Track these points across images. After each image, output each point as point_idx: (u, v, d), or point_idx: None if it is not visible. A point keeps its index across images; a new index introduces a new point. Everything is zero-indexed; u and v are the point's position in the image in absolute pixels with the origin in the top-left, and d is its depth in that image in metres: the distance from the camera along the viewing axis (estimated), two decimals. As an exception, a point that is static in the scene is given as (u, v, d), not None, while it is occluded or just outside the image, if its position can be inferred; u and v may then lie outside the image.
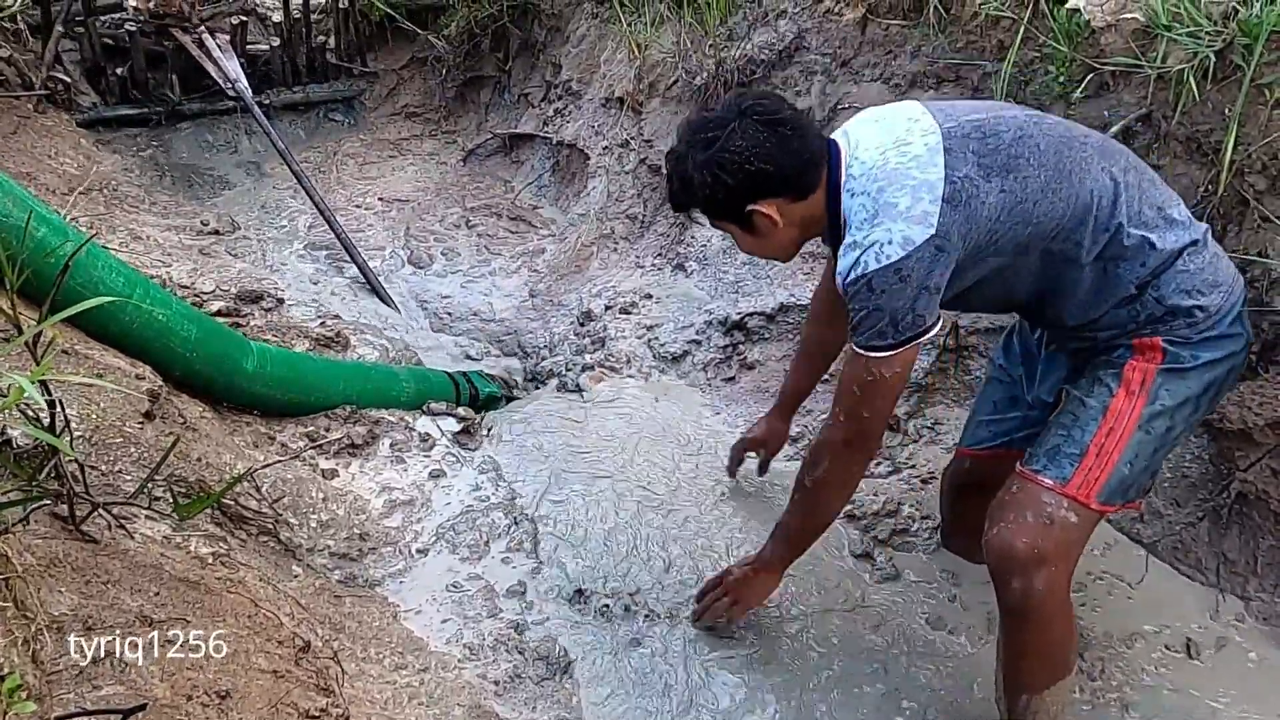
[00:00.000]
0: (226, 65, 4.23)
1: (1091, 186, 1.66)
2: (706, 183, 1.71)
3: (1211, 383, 1.74)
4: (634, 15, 3.90)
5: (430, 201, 4.27)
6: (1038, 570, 1.67)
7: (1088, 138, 1.73)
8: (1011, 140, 1.65)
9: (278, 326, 2.92)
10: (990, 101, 1.83)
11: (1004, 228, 1.64)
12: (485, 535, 2.28)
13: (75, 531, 1.42)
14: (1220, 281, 1.71)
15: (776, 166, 1.68)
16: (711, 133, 1.70)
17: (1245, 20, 2.13)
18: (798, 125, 1.71)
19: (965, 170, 1.61)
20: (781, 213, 1.72)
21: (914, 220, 1.59)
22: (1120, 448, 1.69)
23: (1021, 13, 2.59)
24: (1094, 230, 1.66)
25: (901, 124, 1.69)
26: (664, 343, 3.05)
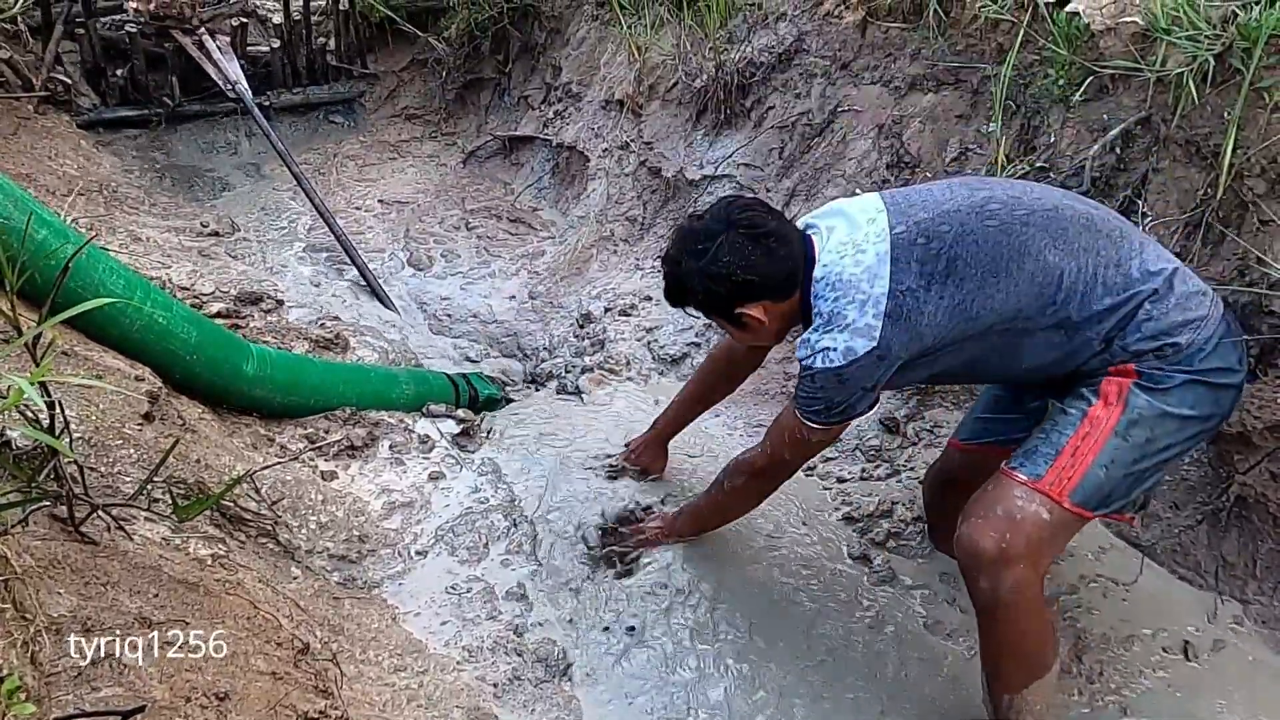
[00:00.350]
0: (227, 67, 4.23)
1: (1031, 269, 1.74)
2: (699, 289, 1.88)
3: (1199, 405, 1.76)
4: (634, 18, 3.91)
5: (430, 203, 4.27)
6: (1005, 569, 1.70)
7: (1030, 217, 1.77)
8: (952, 241, 1.75)
9: (277, 328, 2.92)
10: (944, 185, 1.89)
11: (946, 330, 1.76)
12: (484, 537, 2.27)
13: (74, 533, 1.42)
14: (1190, 320, 1.74)
15: (761, 276, 1.83)
16: (702, 244, 1.85)
17: (1244, 24, 2.13)
18: (781, 235, 1.85)
19: (908, 282, 1.74)
20: (767, 312, 1.88)
21: (859, 333, 1.75)
22: (1095, 450, 1.73)
23: (1021, 16, 2.60)
24: (1040, 308, 1.75)
25: (861, 225, 1.81)
26: (663, 345, 3.05)
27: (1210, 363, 1.75)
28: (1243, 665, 2.02)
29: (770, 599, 2.18)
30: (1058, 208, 1.80)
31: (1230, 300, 2.19)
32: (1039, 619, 1.78)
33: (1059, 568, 2.25)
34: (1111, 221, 1.83)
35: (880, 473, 2.57)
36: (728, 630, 2.10)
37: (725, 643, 2.08)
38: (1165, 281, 1.76)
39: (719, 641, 2.08)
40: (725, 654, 2.06)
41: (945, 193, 1.85)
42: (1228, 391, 1.80)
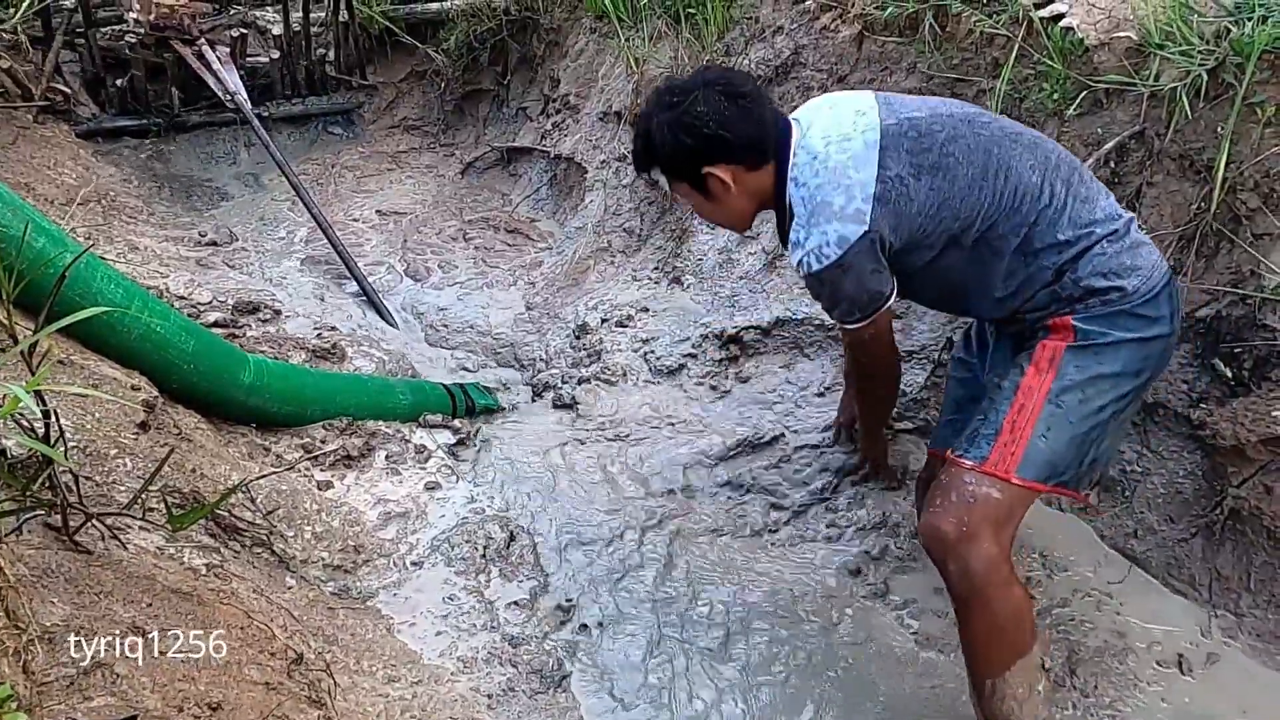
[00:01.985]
0: (226, 77, 4.25)
1: (1016, 183, 1.78)
2: (667, 143, 1.85)
3: (1130, 362, 1.80)
4: (632, 30, 3.93)
5: (428, 214, 4.28)
6: (968, 548, 1.73)
7: (1020, 135, 1.84)
8: (944, 140, 1.79)
9: (274, 338, 2.93)
10: (937, 99, 1.94)
11: (932, 223, 1.79)
12: (480, 548, 2.27)
13: (68, 542, 1.42)
14: (1138, 266, 1.79)
15: (733, 134, 1.81)
16: (676, 98, 1.84)
17: (1237, 39, 2.15)
18: (757, 99, 1.86)
19: (897, 169, 1.76)
20: (735, 179, 1.86)
21: (848, 219, 1.76)
22: (1032, 422, 1.77)
23: (1016, 31, 2.61)
24: (1017, 223, 1.79)
25: (849, 116, 1.82)
26: (660, 356, 3.06)
27: (1146, 310, 1.79)
28: (1237, 679, 2.02)
29: (776, 615, 2.18)
30: (1041, 139, 1.87)
31: (1224, 314, 2.20)
32: (1013, 597, 1.76)
33: (1052, 581, 2.26)
34: (1085, 169, 1.90)
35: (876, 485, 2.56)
36: (727, 639, 2.09)
37: (726, 654, 2.07)
38: (1125, 224, 1.83)
39: (721, 650, 2.07)
40: (726, 666, 2.05)
41: (939, 103, 1.90)
42: (1157, 343, 1.83)
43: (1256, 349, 2.13)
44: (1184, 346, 2.27)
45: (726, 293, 3.21)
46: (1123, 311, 1.79)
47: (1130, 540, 2.30)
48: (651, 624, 2.14)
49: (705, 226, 3.45)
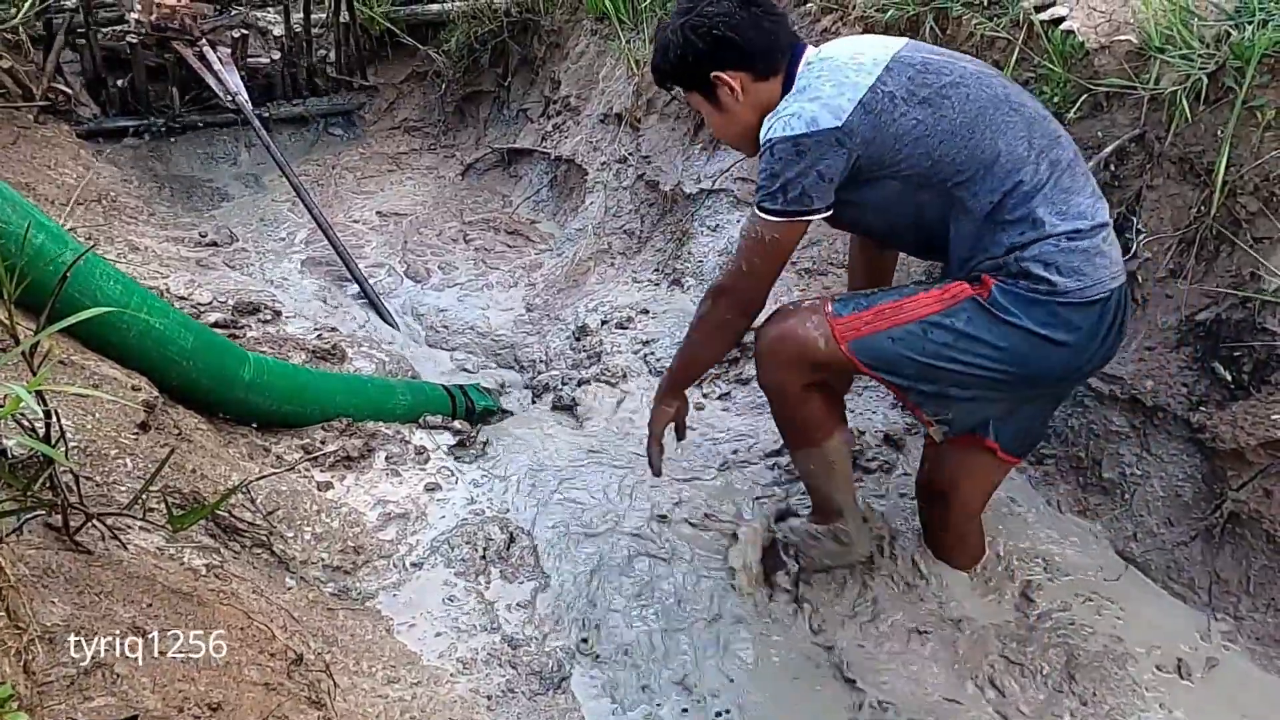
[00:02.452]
0: (227, 78, 4.25)
1: (1003, 147, 1.79)
2: (678, 43, 1.87)
3: (1018, 350, 1.82)
4: (633, 32, 3.93)
5: (428, 215, 4.28)
6: (772, 364, 1.96)
7: (1024, 107, 1.84)
8: (948, 82, 1.81)
9: (275, 339, 2.93)
10: (971, 59, 1.95)
11: (907, 151, 1.79)
12: (480, 549, 2.27)
13: (69, 542, 1.42)
14: (1084, 272, 1.80)
15: (743, 38, 1.84)
16: (692, 3, 1.87)
17: (1237, 43, 2.15)
18: (771, 10, 1.89)
19: (892, 88, 1.78)
20: (744, 86, 1.87)
21: (828, 108, 1.77)
22: (894, 323, 1.84)
23: (1016, 34, 2.62)
24: (990, 188, 1.79)
25: (873, 44, 1.89)
26: (660, 358, 3.06)
27: (1066, 314, 1.80)
28: (1236, 684, 2.02)
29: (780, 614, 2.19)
30: (1046, 118, 1.87)
31: (1224, 317, 2.20)
32: (801, 409, 1.99)
33: (1051, 584, 2.26)
34: (1080, 161, 1.89)
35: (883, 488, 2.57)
36: (731, 638, 2.09)
37: (729, 656, 2.07)
38: (1093, 228, 1.82)
39: (723, 654, 2.07)
40: (728, 668, 2.05)
41: (968, 59, 1.91)
42: (1060, 351, 1.83)
43: (1256, 352, 2.14)
44: (1183, 350, 2.27)
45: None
46: (1042, 304, 1.80)
47: (1129, 543, 2.31)
48: (653, 624, 2.14)
49: (706, 228, 3.45)
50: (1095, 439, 2.40)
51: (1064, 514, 2.42)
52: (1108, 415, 2.38)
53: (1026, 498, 2.51)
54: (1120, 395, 2.35)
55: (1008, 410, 1.98)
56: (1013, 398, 1.95)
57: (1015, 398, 1.96)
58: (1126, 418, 2.35)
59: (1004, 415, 1.98)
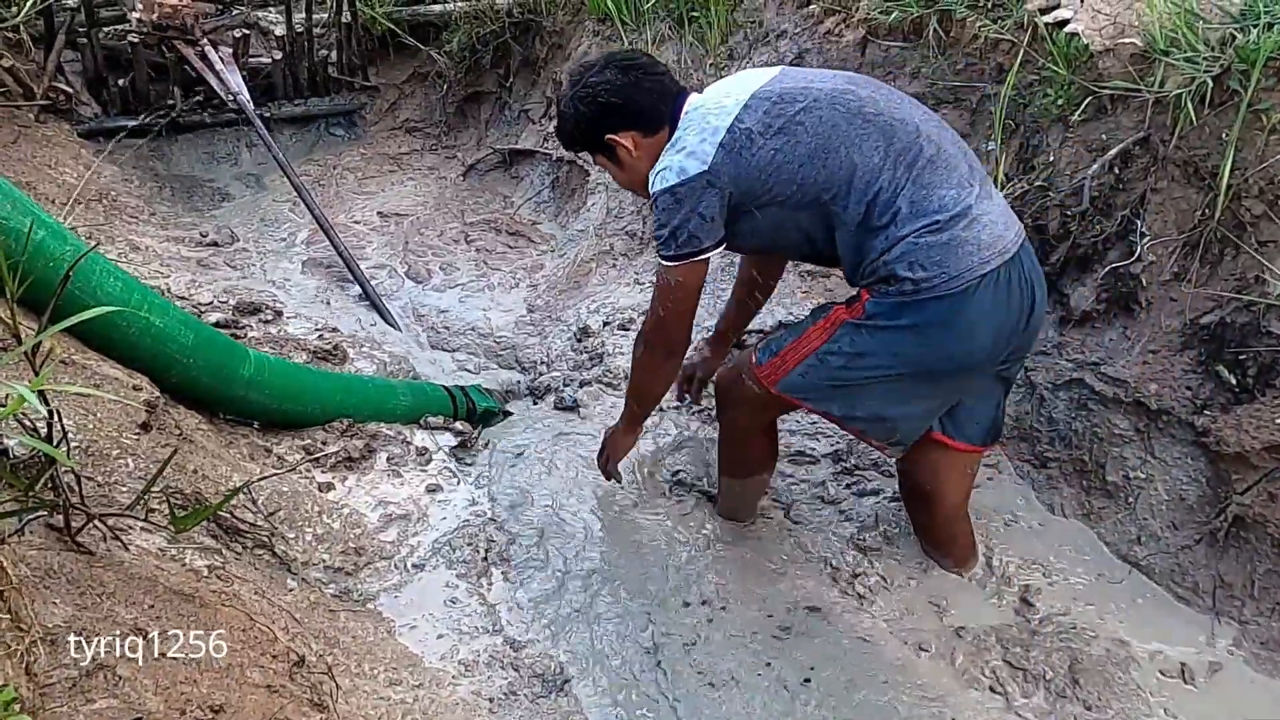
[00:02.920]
0: (228, 78, 4.24)
1: (858, 160, 1.90)
2: (571, 114, 2.07)
3: (902, 353, 1.94)
4: (635, 33, 3.92)
5: (429, 216, 4.27)
6: (723, 404, 2.27)
7: (878, 116, 1.92)
8: (800, 109, 1.92)
9: (275, 339, 2.92)
10: (846, 76, 2.07)
11: (773, 180, 1.92)
12: (481, 551, 2.27)
13: (70, 543, 1.41)
14: (944, 264, 1.87)
15: (625, 100, 2.01)
16: (578, 77, 2.07)
17: (1242, 46, 2.15)
18: (651, 71, 2.06)
19: (748, 124, 1.92)
20: (636, 144, 2.05)
21: (693, 156, 1.94)
22: (797, 361, 2.03)
23: (1021, 36, 2.61)
24: (855, 200, 1.90)
25: (745, 82, 2.01)
26: (662, 359, 3.05)
27: (935, 310, 1.88)
28: (1241, 689, 2.02)
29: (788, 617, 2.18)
30: (904, 120, 1.94)
31: (1229, 320, 2.20)
32: (745, 448, 2.31)
33: (1054, 588, 2.25)
34: (948, 151, 1.94)
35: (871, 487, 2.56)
36: (736, 641, 2.09)
37: (731, 661, 2.07)
38: (951, 219, 1.88)
39: (726, 659, 2.07)
40: (731, 672, 2.05)
41: (827, 77, 2.03)
42: (941, 343, 1.92)
43: (1261, 356, 2.13)
44: (1187, 353, 2.27)
45: (728, 296, 3.20)
46: (909, 305, 1.89)
47: (1133, 547, 2.30)
48: (656, 626, 2.13)
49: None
50: (1099, 442, 2.40)
51: (1067, 517, 2.42)
52: (1111, 418, 2.37)
53: (1026, 500, 2.50)
54: (1124, 398, 2.35)
55: (944, 407, 2.07)
56: (937, 395, 2.05)
57: (940, 394, 2.05)
58: (1130, 421, 2.34)
59: (949, 413, 2.10)
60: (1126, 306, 2.40)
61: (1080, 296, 2.48)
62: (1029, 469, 2.55)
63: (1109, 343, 2.42)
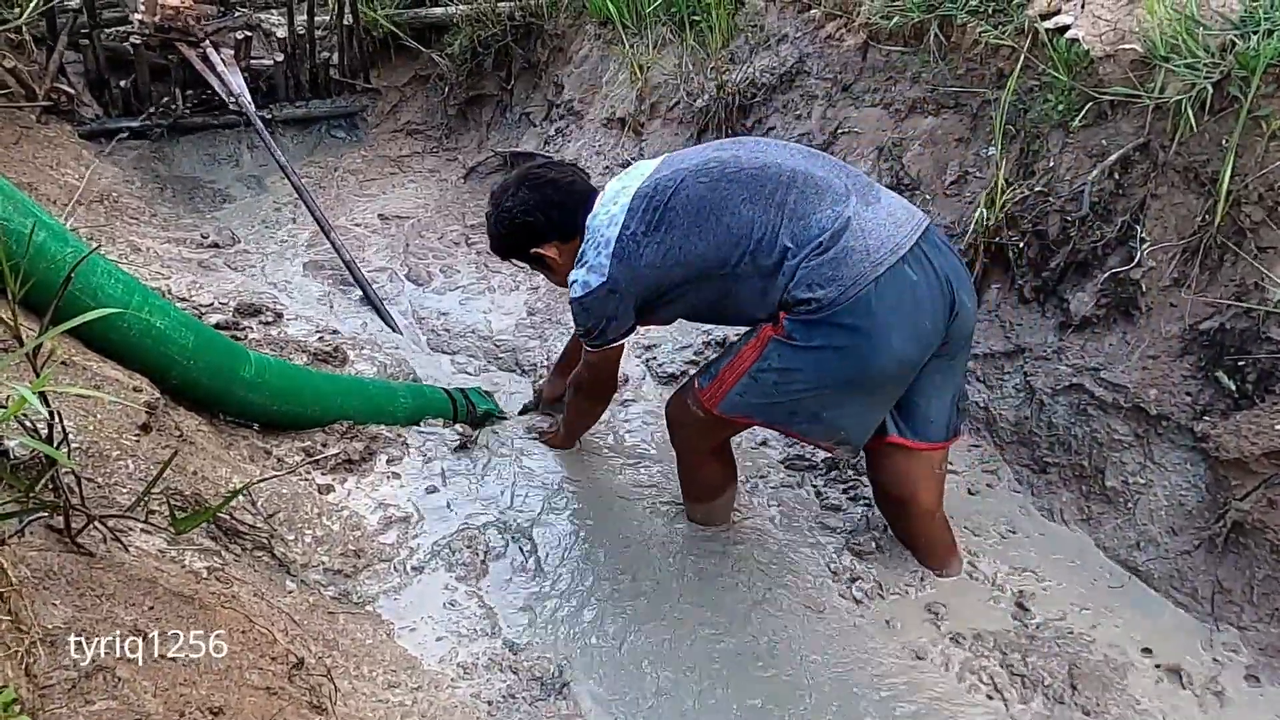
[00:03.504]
0: (230, 79, 4.25)
1: (730, 221, 2.00)
2: (496, 235, 2.29)
3: (824, 367, 1.99)
4: (636, 37, 3.93)
5: (430, 218, 4.28)
6: (674, 430, 2.36)
7: (737, 174, 2.02)
8: (669, 197, 2.04)
9: (276, 340, 2.92)
10: (712, 145, 2.19)
11: (667, 270, 2.05)
12: (481, 553, 2.27)
13: (70, 544, 1.41)
14: (838, 277, 1.94)
15: (538, 218, 2.20)
16: (496, 199, 2.27)
17: (1242, 53, 2.15)
18: (559, 185, 2.22)
19: (633, 228, 2.06)
20: (560, 251, 2.23)
21: (594, 270, 2.11)
22: (733, 382, 2.10)
23: (1021, 42, 2.62)
24: (741, 255, 1.99)
25: (631, 180, 2.14)
26: (662, 363, 3.06)
27: (844, 319, 1.94)
28: (1239, 694, 2.02)
29: (784, 614, 2.18)
30: (766, 166, 2.03)
31: (1228, 326, 2.20)
32: (701, 470, 2.39)
33: (1052, 593, 2.25)
34: (818, 176, 2.02)
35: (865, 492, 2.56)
36: (734, 641, 2.09)
37: (735, 668, 2.07)
38: (832, 237, 1.95)
39: (731, 666, 2.07)
40: (734, 676, 2.05)
41: (697, 154, 2.14)
42: (858, 350, 1.96)
43: (1260, 362, 2.13)
44: (1187, 359, 2.27)
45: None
46: (821, 321, 1.95)
47: (1132, 552, 2.30)
48: (654, 629, 2.13)
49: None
50: (1098, 447, 2.40)
51: (1066, 524, 2.42)
52: (1111, 424, 2.38)
53: (1025, 504, 2.51)
54: (1124, 404, 2.35)
55: (887, 407, 2.11)
56: (876, 400, 2.08)
57: (879, 398, 2.08)
58: (1130, 426, 2.35)
59: (903, 415, 2.14)
60: (1126, 312, 2.40)
61: (1080, 302, 2.48)
62: (1028, 474, 2.55)
63: (1109, 348, 2.42)
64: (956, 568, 2.31)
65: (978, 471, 2.62)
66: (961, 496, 2.52)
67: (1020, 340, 2.64)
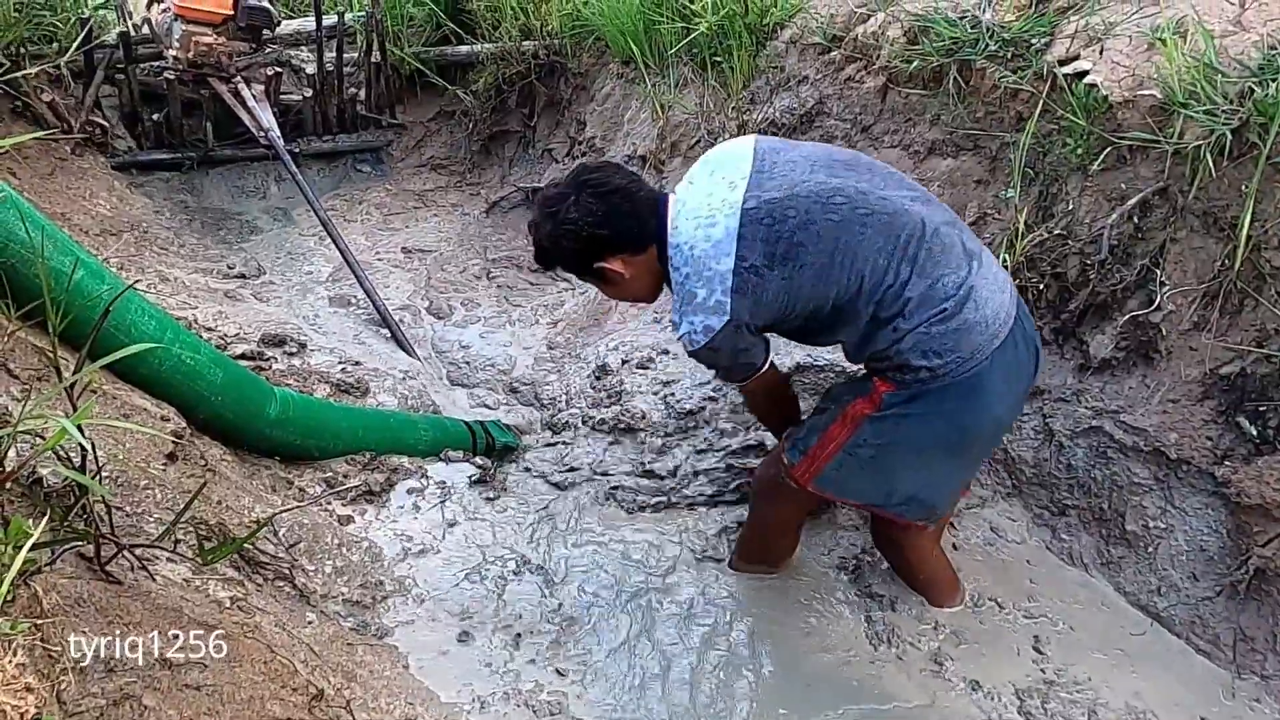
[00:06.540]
0: (260, 114, 4.33)
1: (861, 268, 1.91)
2: (553, 250, 2.06)
3: (925, 437, 1.99)
4: (658, 76, 3.99)
5: (452, 252, 4.33)
6: (763, 502, 2.34)
7: (869, 218, 1.92)
8: (795, 227, 1.90)
9: (300, 371, 2.96)
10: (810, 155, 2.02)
11: (786, 306, 1.95)
12: (499, 586, 2.28)
13: (100, 572, 1.44)
14: (958, 349, 1.91)
15: (610, 230, 2.00)
16: (554, 207, 2.02)
17: (1261, 100, 2.17)
18: (626, 193, 2.01)
19: (752, 259, 1.90)
20: (626, 265, 2.03)
21: (711, 311, 1.93)
22: (828, 459, 2.08)
23: (1040, 86, 2.64)
24: (864, 302, 1.93)
25: (720, 192, 1.95)
26: (680, 399, 3.06)
27: (954, 393, 1.92)
28: (1262, 743, 1.99)
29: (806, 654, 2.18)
30: (896, 213, 1.94)
31: (1249, 371, 2.20)
32: (777, 541, 2.39)
33: (1071, 638, 2.23)
34: (942, 231, 1.96)
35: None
36: (751, 679, 2.08)
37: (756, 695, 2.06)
38: (957, 304, 1.91)
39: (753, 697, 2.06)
40: (752, 704, 2.04)
41: (805, 170, 1.97)
42: (963, 422, 1.97)
43: None
44: (1207, 403, 2.26)
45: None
46: (929, 391, 1.93)
47: (1153, 597, 2.28)
48: (671, 664, 2.13)
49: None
50: (1118, 490, 2.39)
51: (1087, 570, 2.41)
52: (1130, 467, 2.37)
53: (1044, 547, 2.49)
54: (1144, 447, 2.35)
55: (974, 471, 2.17)
56: (968, 464, 2.12)
57: (971, 462, 2.13)
58: (1150, 470, 2.34)
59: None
60: (1146, 355, 2.40)
61: (1100, 344, 2.49)
62: (1047, 516, 2.54)
63: (1128, 391, 2.42)
64: (958, 600, 2.32)
65: (996, 513, 2.61)
66: (979, 538, 2.52)
67: (1039, 382, 2.64)
